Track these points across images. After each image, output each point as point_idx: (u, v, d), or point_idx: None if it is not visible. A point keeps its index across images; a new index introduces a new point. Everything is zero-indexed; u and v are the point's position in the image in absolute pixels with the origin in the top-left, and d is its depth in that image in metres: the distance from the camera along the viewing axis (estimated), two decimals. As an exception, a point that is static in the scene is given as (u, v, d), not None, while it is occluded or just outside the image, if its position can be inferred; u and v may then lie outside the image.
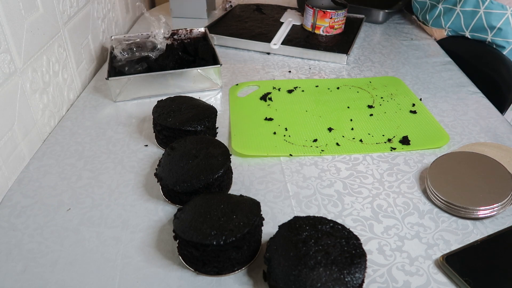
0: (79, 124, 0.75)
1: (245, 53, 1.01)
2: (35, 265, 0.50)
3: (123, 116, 0.77)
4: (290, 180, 0.62)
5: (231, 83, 0.88)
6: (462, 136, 0.71)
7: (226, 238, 0.45)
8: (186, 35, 0.96)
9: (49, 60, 0.73)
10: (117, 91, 0.80)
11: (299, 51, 0.98)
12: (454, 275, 0.47)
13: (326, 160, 0.66)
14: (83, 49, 0.87)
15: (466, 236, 0.53)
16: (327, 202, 0.58)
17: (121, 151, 0.68)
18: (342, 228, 0.47)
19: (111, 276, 0.48)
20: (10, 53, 0.61)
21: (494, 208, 0.54)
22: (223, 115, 0.77)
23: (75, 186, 0.61)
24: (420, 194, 0.60)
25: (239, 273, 0.49)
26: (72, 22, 0.82)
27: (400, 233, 0.54)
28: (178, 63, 0.87)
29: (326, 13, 1.02)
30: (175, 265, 0.50)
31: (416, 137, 0.70)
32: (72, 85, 0.82)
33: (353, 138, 0.71)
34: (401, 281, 0.48)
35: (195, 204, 0.50)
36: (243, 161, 0.66)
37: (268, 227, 0.54)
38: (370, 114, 0.77)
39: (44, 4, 0.71)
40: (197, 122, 0.65)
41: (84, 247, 0.52)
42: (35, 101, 0.68)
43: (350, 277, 0.42)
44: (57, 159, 0.66)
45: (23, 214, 0.56)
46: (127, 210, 0.57)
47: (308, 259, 0.43)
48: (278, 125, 0.74)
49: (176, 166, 0.56)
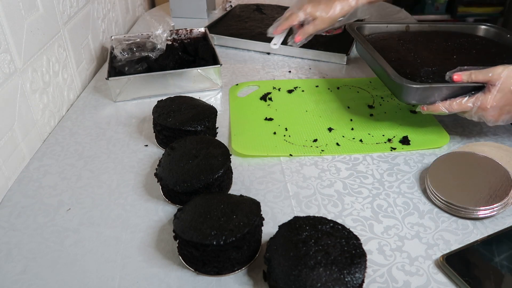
0: (79, 124, 0.75)
1: (245, 53, 1.01)
2: (35, 265, 0.50)
3: (123, 116, 0.77)
4: (290, 180, 0.62)
5: (231, 83, 0.88)
6: (462, 136, 0.71)
7: (226, 238, 0.45)
8: (186, 35, 0.96)
9: (49, 60, 0.73)
10: (117, 91, 0.80)
11: (299, 51, 0.98)
12: (454, 275, 0.47)
13: (326, 160, 0.66)
14: (83, 49, 0.87)
15: (466, 236, 0.53)
16: (327, 202, 0.58)
17: (121, 151, 0.68)
18: (342, 228, 0.47)
19: (111, 276, 0.48)
20: (10, 53, 0.61)
21: (494, 208, 0.54)
22: (223, 115, 0.77)
23: (75, 186, 0.61)
24: (420, 194, 0.60)
25: (239, 273, 0.49)
26: (72, 22, 0.82)
27: (400, 233, 0.54)
28: (178, 63, 0.87)
29: (326, 13, 1.01)
30: (175, 265, 0.50)
31: (416, 137, 0.70)
32: (72, 85, 0.82)
33: (353, 138, 0.71)
34: (401, 281, 0.48)
35: (195, 204, 0.50)
36: (243, 161, 0.66)
37: (268, 227, 0.54)
38: (370, 114, 0.77)
39: (44, 4, 0.71)
40: (197, 122, 0.65)
41: (84, 247, 0.52)
42: (35, 101, 0.68)
43: (350, 277, 0.42)
44: (57, 159, 0.66)
45: (23, 214, 0.56)
46: (127, 210, 0.57)
47: (308, 259, 0.43)
48: (278, 125, 0.74)
49: (176, 166, 0.56)
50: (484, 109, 0.60)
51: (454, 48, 0.75)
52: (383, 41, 0.77)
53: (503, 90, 0.58)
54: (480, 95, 0.60)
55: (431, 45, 0.76)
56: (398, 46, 0.76)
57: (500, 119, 0.61)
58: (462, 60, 0.70)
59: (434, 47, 0.75)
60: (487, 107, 0.59)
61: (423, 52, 0.73)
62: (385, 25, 0.83)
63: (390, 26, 0.82)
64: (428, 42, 0.77)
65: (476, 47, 0.76)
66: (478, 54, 0.73)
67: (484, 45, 0.76)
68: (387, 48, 0.74)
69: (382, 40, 0.78)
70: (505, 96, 0.58)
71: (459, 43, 0.77)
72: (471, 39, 0.79)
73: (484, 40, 0.79)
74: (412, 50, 0.74)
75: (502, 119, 0.61)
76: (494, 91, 0.58)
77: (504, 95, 0.58)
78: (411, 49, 0.75)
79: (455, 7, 2.44)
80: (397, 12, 1.28)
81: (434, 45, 0.76)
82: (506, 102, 0.58)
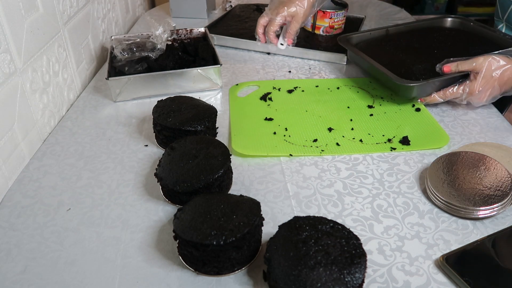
0: (79, 124, 0.75)
1: (245, 53, 1.01)
2: (35, 265, 0.50)
3: (123, 116, 0.77)
4: (290, 180, 0.62)
5: (231, 83, 0.88)
6: (462, 136, 0.71)
7: (226, 238, 0.45)
8: (186, 35, 0.96)
9: (49, 60, 0.73)
10: (117, 91, 0.80)
11: (299, 51, 0.98)
12: (454, 275, 0.47)
13: (326, 160, 0.66)
14: (83, 49, 0.87)
15: (466, 236, 0.53)
16: (327, 202, 0.58)
17: (121, 151, 0.68)
18: (342, 228, 0.47)
19: (111, 276, 0.48)
20: (10, 53, 0.61)
21: (494, 208, 0.54)
22: (223, 115, 0.77)
23: (75, 186, 0.61)
24: (420, 194, 0.60)
25: (239, 273, 0.49)
26: (72, 22, 0.82)
27: (400, 233, 0.54)
28: (178, 63, 0.87)
29: (326, 13, 1.02)
30: (175, 265, 0.50)
31: (416, 137, 0.70)
32: (72, 85, 0.82)
33: (353, 138, 0.71)
34: (401, 281, 0.48)
35: (195, 204, 0.50)
36: (243, 161, 0.66)
37: (268, 227, 0.54)
38: (370, 114, 0.77)
39: (44, 4, 0.71)
40: (197, 122, 0.65)
41: (84, 247, 0.52)
42: (35, 101, 0.68)
43: (350, 277, 0.42)
44: (57, 159, 0.66)
45: (23, 214, 0.56)
46: (127, 210, 0.57)
47: (308, 259, 0.43)
48: (278, 125, 0.74)
49: (176, 166, 0.56)
50: (472, 93, 0.72)
51: (433, 43, 0.89)
52: (372, 47, 0.88)
53: (486, 76, 0.71)
54: (468, 82, 0.73)
55: (413, 44, 0.89)
56: (386, 50, 0.88)
57: (484, 100, 0.73)
58: (444, 53, 0.83)
59: (417, 46, 0.89)
60: (475, 92, 0.72)
61: (408, 51, 0.86)
62: (368, 32, 0.93)
63: (372, 32, 0.93)
64: (409, 41, 0.90)
65: (450, 39, 0.90)
66: (454, 45, 0.88)
67: (456, 36, 0.91)
68: (377, 53, 0.85)
69: (371, 46, 0.89)
70: (488, 81, 0.71)
71: (435, 37, 0.91)
72: (443, 32, 0.94)
73: (454, 31, 0.94)
74: (399, 51, 0.87)
75: (486, 100, 0.73)
76: (479, 78, 0.71)
77: (487, 81, 0.71)
78: (398, 50, 0.87)
79: (455, 7, 2.44)
80: (397, 12, 1.28)
81: (415, 43, 0.89)
82: (489, 86, 0.71)
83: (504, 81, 0.71)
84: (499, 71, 0.70)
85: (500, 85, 0.71)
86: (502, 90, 0.72)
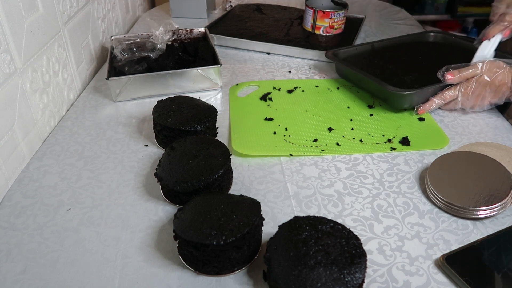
0: (79, 124, 0.75)
1: (245, 53, 1.01)
2: (35, 265, 0.50)
3: (123, 116, 0.77)
4: (290, 180, 0.62)
5: (231, 83, 0.88)
6: (462, 136, 0.71)
7: (226, 238, 0.45)
8: (186, 35, 0.96)
9: (49, 60, 0.73)
10: (117, 91, 0.80)
11: (299, 51, 0.98)
12: (454, 275, 0.47)
13: (326, 160, 0.66)
14: (83, 49, 0.87)
15: (466, 236, 0.53)
16: (327, 202, 0.58)
17: (121, 151, 0.68)
18: (342, 228, 0.47)
19: (111, 276, 0.48)
20: (10, 53, 0.61)
21: (494, 208, 0.54)
22: (223, 115, 0.77)
23: (75, 186, 0.61)
24: (420, 194, 0.60)
25: (239, 273, 0.49)
26: (72, 22, 0.82)
27: (400, 233, 0.54)
28: (178, 63, 0.87)
29: (326, 13, 1.02)
30: (175, 265, 0.50)
31: (416, 138, 0.70)
32: (72, 85, 0.82)
33: (353, 138, 0.71)
34: (401, 281, 0.48)
35: (195, 204, 0.50)
36: (243, 161, 0.66)
37: (268, 227, 0.54)
38: (370, 114, 0.77)
39: (44, 4, 0.71)
40: (197, 122, 0.65)
41: (84, 247, 0.52)
42: (35, 101, 0.68)
43: (350, 277, 0.42)
44: (57, 159, 0.66)
45: (23, 214, 0.56)
46: (127, 210, 0.57)
47: (308, 259, 0.43)
48: (278, 125, 0.74)
49: (176, 166, 0.56)
50: (465, 95, 0.74)
51: (419, 56, 0.90)
52: (360, 61, 0.89)
53: (480, 81, 0.73)
54: (463, 84, 0.74)
55: (400, 57, 0.90)
56: (374, 62, 0.88)
57: (476, 105, 0.75)
58: (432, 64, 0.82)
59: (404, 58, 0.90)
60: (468, 94, 0.74)
61: (397, 63, 0.87)
62: (354, 48, 0.93)
63: (358, 48, 0.93)
64: (395, 55, 0.91)
65: (435, 52, 0.92)
66: (440, 58, 0.89)
67: (439, 50, 0.94)
68: (367, 66, 0.86)
69: (359, 60, 0.90)
70: (479, 86, 0.73)
71: (420, 51, 0.93)
72: (427, 46, 0.95)
73: (437, 45, 0.96)
74: (388, 64, 0.87)
75: (478, 105, 0.75)
76: (473, 81, 0.73)
77: (479, 85, 0.73)
78: (386, 63, 0.87)
79: (455, 7, 2.44)
80: (397, 12, 1.28)
81: (402, 56, 0.90)
82: (481, 91, 0.73)
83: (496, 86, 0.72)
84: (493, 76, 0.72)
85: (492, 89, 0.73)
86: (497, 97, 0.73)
